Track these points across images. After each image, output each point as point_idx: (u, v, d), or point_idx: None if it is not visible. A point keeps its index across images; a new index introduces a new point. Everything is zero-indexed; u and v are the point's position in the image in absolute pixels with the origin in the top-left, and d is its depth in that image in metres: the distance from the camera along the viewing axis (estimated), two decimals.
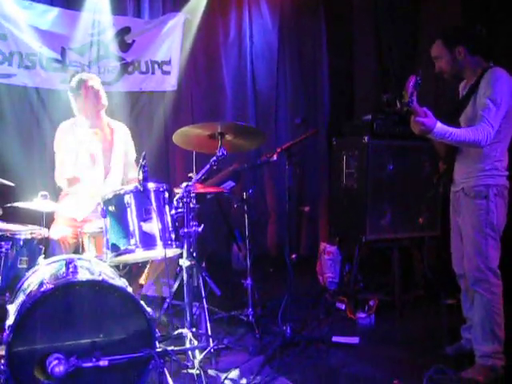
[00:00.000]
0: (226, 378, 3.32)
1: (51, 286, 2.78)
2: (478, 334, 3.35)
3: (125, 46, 5.81)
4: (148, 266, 4.05)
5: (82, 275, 2.92)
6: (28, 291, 2.97)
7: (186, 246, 3.45)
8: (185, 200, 3.42)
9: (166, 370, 2.91)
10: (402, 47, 6.11)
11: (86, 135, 4.22)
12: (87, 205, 3.99)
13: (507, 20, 5.05)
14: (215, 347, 3.53)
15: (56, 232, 3.90)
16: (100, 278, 2.90)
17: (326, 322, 4.38)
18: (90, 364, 2.69)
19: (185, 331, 3.41)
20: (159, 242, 3.29)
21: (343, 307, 4.68)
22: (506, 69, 3.30)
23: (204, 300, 3.66)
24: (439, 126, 3.11)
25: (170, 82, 6.03)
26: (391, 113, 4.78)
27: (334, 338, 3.97)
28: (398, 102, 4.19)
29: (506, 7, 5.04)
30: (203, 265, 4.41)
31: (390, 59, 6.23)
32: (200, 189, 3.89)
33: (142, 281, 4.11)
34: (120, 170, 4.33)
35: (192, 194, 3.48)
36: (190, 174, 3.57)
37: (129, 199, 3.30)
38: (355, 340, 3.98)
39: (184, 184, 3.46)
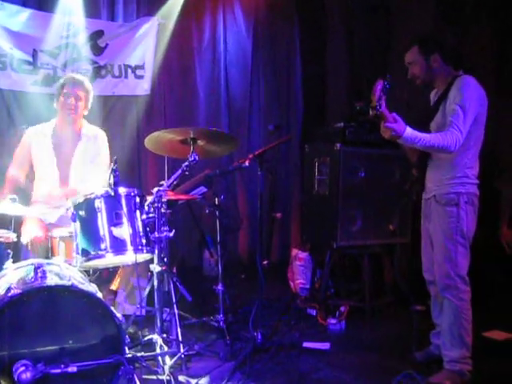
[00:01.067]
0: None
1: (19, 291, 2.74)
2: (446, 340, 3.39)
3: (98, 50, 5.77)
4: (119, 271, 4.02)
5: (51, 280, 2.89)
6: None
7: (156, 252, 3.43)
8: (156, 205, 3.40)
9: (135, 376, 2.90)
10: (374, 55, 6.18)
11: (44, 150, 4.18)
12: (55, 211, 3.96)
13: (478, 29, 5.15)
14: (186, 353, 3.51)
15: (26, 235, 3.84)
16: (69, 283, 2.87)
17: (297, 327, 4.38)
18: (58, 370, 2.66)
19: (155, 337, 3.38)
20: (130, 247, 3.28)
21: (314, 313, 4.70)
22: (475, 77, 3.36)
23: (175, 306, 3.64)
24: (409, 131, 3.14)
25: (143, 87, 6.01)
26: (364, 121, 4.82)
27: (305, 344, 3.98)
28: (370, 110, 4.22)
29: (477, 17, 5.14)
30: (174, 270, 4.39)
31: (363, 67, 6.30)
32: (171, 196, 3.87)
33: (113, 286, 4.08)
34: (84, 181, 4.21)
35: (163, 200, 3.46)
36: (162, 182, 3.54)
37: (99, 204, 3.27)
38: (326, 346, 3.99)
39: (155, 189, 3.44)
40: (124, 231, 3.28)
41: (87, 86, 4.26)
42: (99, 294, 3.01)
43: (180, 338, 3.57)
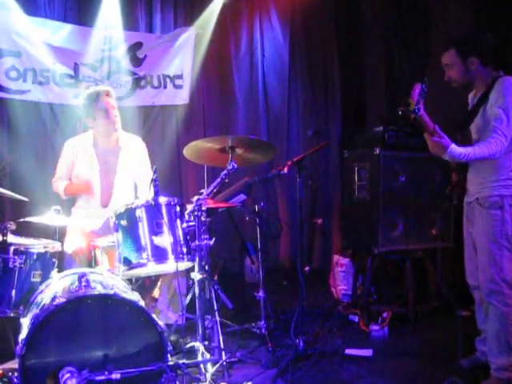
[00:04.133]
0: None
1: (64, 300, 2.81)
2: (492, 347, 3.32)
3: (137, 61, 5.88)
4: (161, 279, 4.06)
5: (95, 289, 2.94)
6: (41, 305, 2.99)
7: (197, 260, 3.45)
8: (196, 213, 3.43)
9: (178, 383, 2.92)
10: (412, 59, 6.11)
11: (87, 160, 4.24)
12: (97, 218, 4.04)
13: None
14: (227, 360, 3.52)
15: (70, 245, 3.93)
16: (112, 292, 2.92)
17: (339, 334, 4.36)
18: (102, 377, 2.71)
19: (197, 344, 3.40)
20: (171, 256, 3.31)
21: (356, 319, 4.65)
22: None
23: (216, 313, 3.65)
24: (453, 147, 3.11)
25: (182, 96, 6.09)
26: (404, 125, 4.77)
27: (348, 351, 3.95)
28: (409, 113, 4.15)
29: None
30: (215, 278, 4.41)
31: (401, 71, 6.23)
32: (211, 204, 3.90)
33: (155, 294, 4.12)
34: (127, 192, 4.19)
35: (203, 208, 3.49)
36: (202, 190, 3.58)
37: (140, 213, 3.32)
38: (369, 352, 3.95)
39: (195, 198, 3.47)
40: (165, 240, 3.31)
41: (112, 92, 4.33)
42: (141, 302, 3.05)
43: (222, 346, 3.58)
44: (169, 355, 2.95)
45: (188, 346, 3.49)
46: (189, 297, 3.92)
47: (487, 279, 3.30)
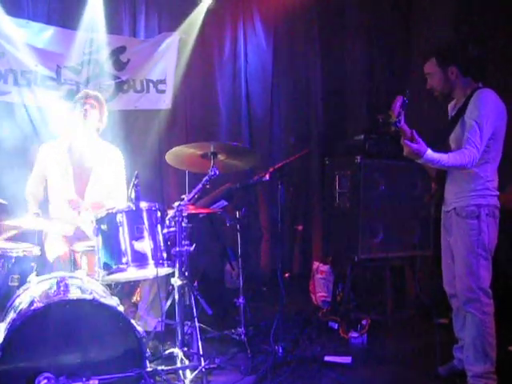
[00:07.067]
0: None
1: (42, 305, 2.78)
2: (469, 354, 3.35)
3: (120, 65, 5.85)
4: (140, 284, 4.04)
5: (73, 294, 2.93)
6: (19, 309, 2.96)
7: (177, 265, 3.45)
8: (177, 219, 3.43)
9: None
10: (394, 67, 6.17)
11: (60, 166, 4.17)
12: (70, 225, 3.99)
13: (499, 39, 5.11)
14: (206, 367, 3.48)
15: (51, 252, 3.88)
16: (91, 297, 2.91)
17: (319, 341, 4.36)
18: (79, 383, 2.68)
19: (176, 350, 3.39)
20: (151, 261, 3.30)
21: (336, 326, 4.66)
22: (496, 87, 3.34)
23: (196, 319, 3.64)
24: (429, 152, 3.14)
25: (165, 101, 6.07)
26: (385, 133, 4.81)
27: (327, 358, 3.95)
28: (390, 125, 4.21)
29: (497, 26, 5.10)
30: (195, 284, 4.40)
31: (383, 79, 6.29)
32: (192, 210, 3.89)
33: (135, 299, 4.10)
34: (98, 200, 4.16)
35: (184, 214, 3.48)
36: (183, 196, 3.57)
37: (121, 218, 3.30)
38: (347, 359, 3.96)
39: (176, 203, 3.47)
40: (145, 245, 3.31)
41: (100, 97, 4.28)
42: (120, 308, 3.04)
43: (201, 352, 3.55)
44: (147, 361, 2.94)
45: (167, 352, 3.48)
46: (168, 302, 3.90)
47: (464, 288, 3.33)
